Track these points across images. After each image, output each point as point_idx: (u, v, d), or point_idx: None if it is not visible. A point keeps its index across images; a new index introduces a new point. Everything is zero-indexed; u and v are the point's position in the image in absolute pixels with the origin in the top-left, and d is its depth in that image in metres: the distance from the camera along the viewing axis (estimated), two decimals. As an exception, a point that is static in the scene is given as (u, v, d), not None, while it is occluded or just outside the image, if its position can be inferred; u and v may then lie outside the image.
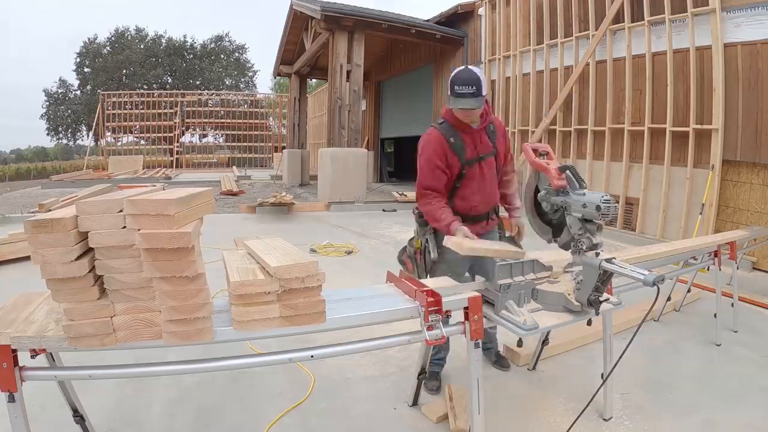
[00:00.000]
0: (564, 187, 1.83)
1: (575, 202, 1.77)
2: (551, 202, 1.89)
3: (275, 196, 8.94)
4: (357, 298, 1.71)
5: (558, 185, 1.84)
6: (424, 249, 2.35)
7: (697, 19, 5.74)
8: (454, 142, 2.23)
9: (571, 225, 1.79)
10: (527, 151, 1.98)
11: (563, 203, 1.83)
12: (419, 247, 2.37)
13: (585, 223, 1.75)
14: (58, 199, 8.97)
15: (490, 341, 2.75)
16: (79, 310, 1.30)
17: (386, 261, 5.25)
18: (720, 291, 3.17)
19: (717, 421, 2.26)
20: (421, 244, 2.36)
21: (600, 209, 1.66)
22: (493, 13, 9.79)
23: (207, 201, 1.62)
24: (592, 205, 1.69)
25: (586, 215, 1.73)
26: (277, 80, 37.89)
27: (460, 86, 2.06)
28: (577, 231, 1.76)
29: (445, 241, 1.94)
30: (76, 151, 41.77)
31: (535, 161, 1.95)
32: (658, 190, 6.38)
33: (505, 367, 2.73)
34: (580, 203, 1.74)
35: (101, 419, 2.13)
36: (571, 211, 1.78)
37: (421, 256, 2.37)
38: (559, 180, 1.84)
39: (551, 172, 1.87)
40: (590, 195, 1.73)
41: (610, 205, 1.66)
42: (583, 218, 1.75)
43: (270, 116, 26.41)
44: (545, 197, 1.92)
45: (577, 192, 1.79)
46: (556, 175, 1.85)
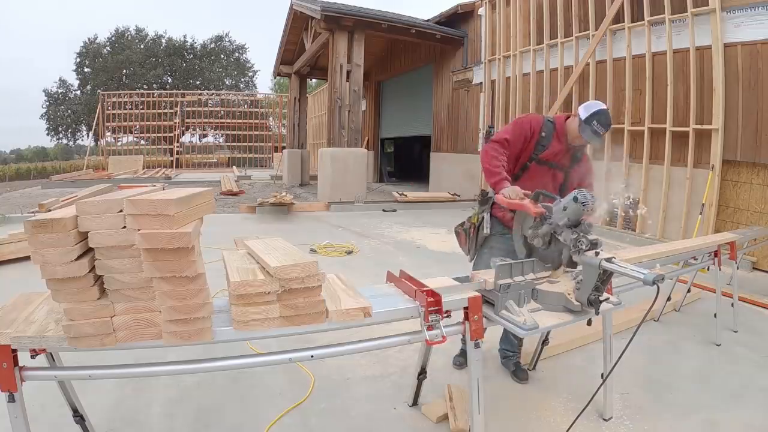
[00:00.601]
0: (544, 213, 1.93)
1: (556, 212, 1.84)
2: (541, 234, 1.93)
3: (275, 196, 8.93)
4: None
5: (537, 212, 1.94)
6: (479, 225, 2.50)
7: (697, 19, 5.74)
8: (544, 136, 2.38)
9: (564, 239, 1.80)
10: (500, 200, 2.13)
11: (550, 228, 1.87)
12: (475, 221, 2.53)
13: (574, 227, 1.77)
14: (58, 199, 8.97)
15: (512, 350, 2.72)
16: (79, 310, 1.30)
17: (386, 261, 5.25)
18: (720, 291, 3.17)
19: (717, 421, 2.26)
20: (478, 219, 2.52)
21: (577, 200, 1.73)
22: (493, 13, 9.78)
23: (207, 201, 1.62)
24: (570, 202, 1.74)
25: (570, 216, 1.77)
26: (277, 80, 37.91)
27: (600, 126, 2.22)
28: (571, 237, 1.77)
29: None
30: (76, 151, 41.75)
31: (510, 203, 2.06)
32: (658, 190, 6.38)
33: (522, 379, 2.63)
34: (561, 209, 1.82)
35: (101, 419, 2.13)
36: (558, 222, 1.83)
37: (475, 230, 2.53)
38: (537, 207, 1.95)
39: (528, 206, 1.98)
40: (565, 198, 1.82)
41: (585, 194, 1.73)
42: (569, 223, 1.78)
43: (270, 116, 26.41)
44: (534, 234, 1.98)
45: (555, 204, 1.88)
46: (533, 204, 1.97)
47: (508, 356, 2.73)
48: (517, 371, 2.67)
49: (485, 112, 10.15)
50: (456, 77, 11.55)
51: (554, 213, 1.86)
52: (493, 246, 2.47)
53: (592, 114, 2.23)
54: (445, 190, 11.34)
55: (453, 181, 11.40)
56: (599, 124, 2.22)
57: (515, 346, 2.72)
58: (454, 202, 10.32)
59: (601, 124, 2.22)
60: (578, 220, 1.78)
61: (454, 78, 11.64)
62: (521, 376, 2.65)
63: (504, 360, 2.75)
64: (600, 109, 2.25)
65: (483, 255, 2.50)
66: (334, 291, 1.68)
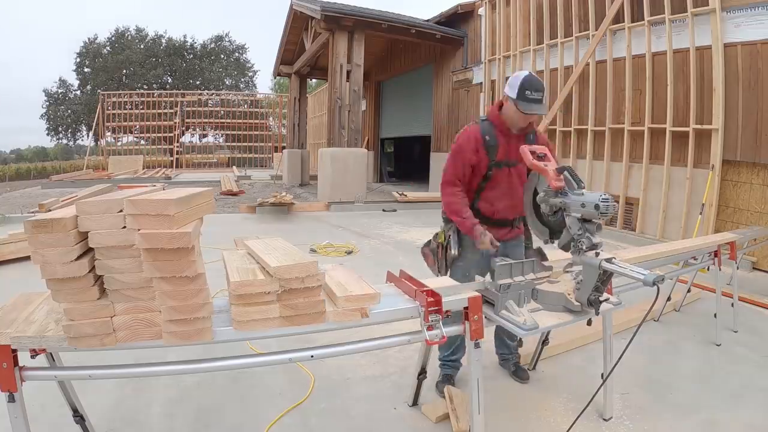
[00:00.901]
0: (562, 188, 1.83)
1: (574, 202, 1.76)
2: (550, 203, 1.89)
3: (275, 196, 8.94)
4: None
5: (556, 186, 1.84)
6: (446, 245, 2.39)
7: (697, 19, 5.74)
8: (489, 140, 2.27)
9: (571, 225, 1.78)
10: (525, 153, 1.98)
11: (562, 204, 1.82)
12: (442, 241, 2.42)
13: (584, 223, 1.75)
14: (58, 199, 8.97)
15: (509, 352, 2.70)
16: (79, 310, 1.30)
17: (386, 261, 5.25)
18: (720, 291, 3.17)
19: (717, 421, 2.26)
20: (445, 239, 2.41)
21: (599, 208, 1.65)
22: (493, 13, 9.79)
23: (207, 201, 1.62)
24: (591, 205, 1.68)
25: (585, 215, 1.73)
26: (277, 80, 37.91)
27: (532, 92, 2.11)
28: (576, 231, 1.75)
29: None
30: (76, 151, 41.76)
31: (533, 163, 1.95)
32: (658, 190, 6.38)
33: (523, 379, 2.60)
34: (579, 203, 1.74)
35: (101, 419, 2.13)
36: (570, 211, 1.78)
37: (442, 251, 2.42)
38: (558, 181, 1.84)
39: (549, 174, 1.87)
40: (589, 195, 1.72)
41: (609, 204, 1.65)
42: (582, 218, 1.75)
43: (270, 116, 26.41)
44: (544, 199, 1.92)
45: (575, 192, 1.78)
46: (555, 177, 1.85)
47: (506, 359, 2.72)
48: (518, 371, 2.66)
49: (485, 112, 10.14)
50: (456, 77, 11.55)
51: (571, 198, 1.78)
52: (467, 258, 2.35)
53: (520, 86, 2.12)
54: (445, 190, 11.32)
55: (453, 181, 11.38)
56: (532, 90, 2.11)
57: (511, 347, 2.71)
58: (454, 202, 10.30)
59: (535, 89, 2.11)
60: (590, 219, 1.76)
61: (454, 78, 11.64)
62: (522, 375, 2.64)
63: (503, 362, 2.75)
64: (524, 76, 2.14)
65: (457, 269, 2.37)
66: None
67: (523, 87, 2.12)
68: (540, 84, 2.14)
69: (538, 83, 2.14)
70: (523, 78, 2.14)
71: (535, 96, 2.11)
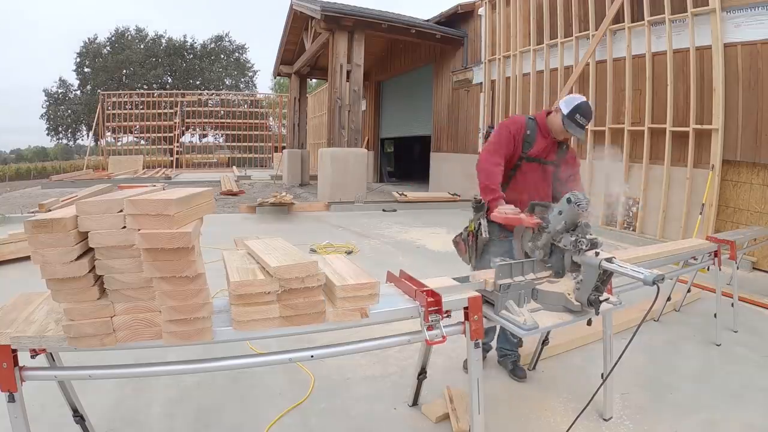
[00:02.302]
0: (541, 223, 1.94)
1: (553, 218, 1.85)
2: (541, 246, 1.93)
3: (275, 196, 8.93)
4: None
5: (534, 224, 1.96)
6: (476, 231, 2.52)
7: (697, 19, 5.74)
8: (529, 134, 2.45)
9: (565, 245, 1.80)
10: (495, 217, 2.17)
11: (549, 236, 1.87)
12: (472, 230, 2.55)
13: (573, 231, 1.77)
14: (58, 199, 8.97)
15: (511, 349, 2.72)
16: (79, 310, 1.30)
17: (386, 261, 5.25)
18: (720, 291, 3.17)
19: (717, 421, 2.26)
20: (474, 227, 2.54)
21: (571, 201, 1.74)
22: (493, 13, 9.79)
23: (207, 201, 1.62)
24: (564, 205, 1.75)
25: (567, 219, 1.77)
26: (277, 80, 37.89)
27: (582, 117, 2.30)
28: (571, 241, 1.77)
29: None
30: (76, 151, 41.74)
31: (506, 218, 2.09)
32: (658, 190, 6.38)
33: (521, 377, 2.64)
34: (556, 214, 1.83)
35: (101, 419, 2.13)
36: (555, 227, 1.82)
37: (473, 238, 2.54)
38: (533, 219, 1.97)
39: (524, 219, 2.01)
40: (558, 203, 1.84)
41: (578, 195, 1.74)
42: (566, 227, 1.78)
43: (270, 116, 26.40)
44: (535, 246, 1.98)
45: (550, 212, 1.89)
46: (528, 217, 1.99)
47: (506, 355, 2.73)
48: (515, 369, 2.68)
49: (485, 112, 10.15)
50: (456, 77, 11.55)
51: (551, 220, 1.87)
52: (494, 251, 2.47)
53: (574, 108, 2.30)
54: (445, 190, 11.34)
55: (453, 181, 11.40)
56: (582, 116, 2.29)
57: (514, 345, 2.72)
58: (454, 202, 10.32)
59: (584, 116, 2.29)
60: (575, 222, 1.79)
61: (454, 78, 11.64)
62: (519, 374, 2.65)
63: (502, 359, 2.75)
64: (581, 102, 2.31)
65: (485, 261, 2.49)
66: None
67: (576, 110, 2.30)
68: (590, 114, 2.33)
69: (589, 113, 2.32)
70: (580, 102, 2.32)
71: (581, 122, 2.30)
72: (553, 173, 2.52)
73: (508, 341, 2.71)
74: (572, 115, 2.29)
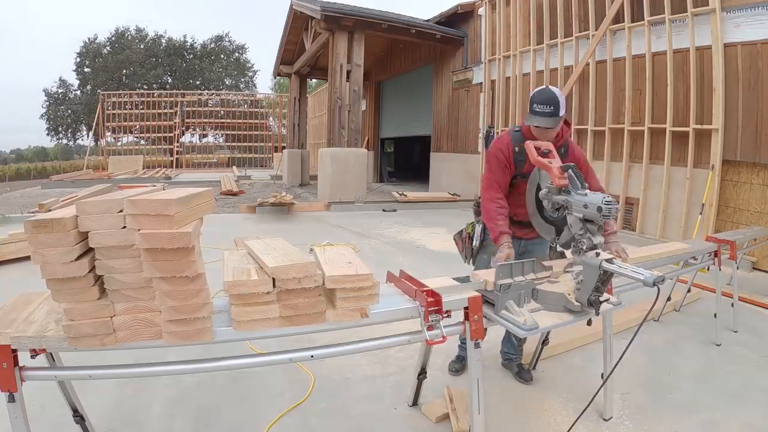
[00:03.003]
0: (566, 186, 1.84)
1: (576, 202, 1.77)
2: (553, 200, 1.89)
3: (275, 196, 8.93)
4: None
5: (560, 184, 1.85)
6: (472, 236, 2.52)
7: (697, 19, 5.74)
8: (519, 152, 2.29)
9: (572, 224, 1.79)
10: (529, 149, 2.00)
11: (564, 202, 1.83)
12: (469, 232, 2.55)
13: (586, 223, 1.75)
14: (58, 199, 8.97)
15: (514, 352, 2.72)
16: (79, 310, 1.30)
17: (386, 261, 5.25)
18: (720, 291, 3.17)
19: (717, 421, 2.26)
20: (472, 230, 2.53)
21: (601, 210, 1.66)
22: (493, 13, 9.78)
23: (207, 201, 1.62)
24: (594, 206, 1.69)
25: (587, 216, 1.73)
26: (277, 80, 37.88)
27: (538, 105, 2.15)
28: (577, 231, 1.76)
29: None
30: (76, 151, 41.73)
31: (537, 159, 1.96)
32: (658, 190, 6.38)
33: (527, 380, 2.63)
34: (582, 203, 1.74)
35: (101, 419, 2.14)
36: (573, 210, 1.78)
37: (469, 240, 2.55)
38: (561, 179, 1.85)
39: (553, 171, 1.87)
40: (592, 196, 1.73)
41: (612, 206, 1.66)
42: (584, 218, 1.75)
43: (270, 116, 26.40)
44: (547, 195, 1.92)
45: (578, 192, 1.79)
46: (558, 174, 1.86)
47: (510, 358, 2.73)
48: (521, 372, 2.67)
49: (485, 112, 10.15)
50: (456, 77, 11.55)
51: (574, 198, 1.79)
52: (491, 252, 2.44)
53: (530, 99, 2.20)
54: (445, 190, 11.34)
55: (453, 181, 11.40)
56: (539, 103, 2.15)
57: (517, 348, 2.72)
58: (454, 202, 10.32)
59: (541, 103, 2.15)
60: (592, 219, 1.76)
61: (454, 78, 11.64)
62: (525, 377, 2.65)
63: (506, 362, 2.75)
64: (536, 91, 2.20)
65: (481, 262, 2.49)
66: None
67: (532, 100, 2.21)
68: (548, 97, 2.15)
69: (547, 96, 2.15)
70: (534, 92, 2.22)
71: (540, 108, 2.14)
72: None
73: (511, 344, 2.71)
74: (531, 108, 2.18)
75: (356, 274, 1.53)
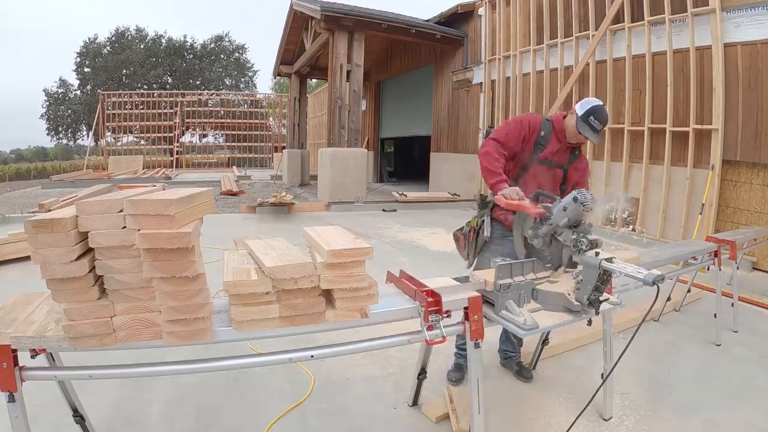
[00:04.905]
0: (544, 214, 1.91)
1: (557, 213, 1.83)
2: (541, 235, 1.93)
3: (275, 196, 8.93)
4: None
5: (537, 213, 1.93)
6: (478, 228, 2.49)
7: (697, 19, 5.74)
8: (543, 136, 2.38)
9: (565, 240, 1.80)
10: (499, 201, 2.11)
11: (550, 227, 1.87)
12: (475, 225, 2.53)
13: (575, 228, 1.77)
14: (58, 199, 8.97)
15: (513, 350, 2.72)
16: (79, 311, 1.30)
17: (386, 261, 5.25)
18: (720, 291, 3.17)
19: (717, 421, 2.26)
20: (477, 223, 2.51)
21: (578, 200, 1.72)
22: (493, 13, 9.78)
23: (207, 201, 1.62)
24: (569, 202, 1.74)
25: (570, 217, 1.76)
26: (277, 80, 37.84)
27: (597, 121, 2.24)
28: (571, 239, 1.77)
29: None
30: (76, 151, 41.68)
31: (509, 204, 2.05)
32: (658, 190, 6.38)
33: (528, 378, 2.64)
34: (561, 209, 1.81)
35: (101, 419, 2.14)
36: (558, 225, 1.82)
37: (474, 234, 2.52)
38: (537, 208, 1.94)
39: (528, 207, 1.97)
40: (564, 198, 1.81)
41: (585, 194, 1.72)
42: (569, 223, 1.77)
43: (270, 116, 26.39)
44: (534, 235, 1.97)
45: (555, 205, 1.87)
46: (533, 206, 1.96)
47: (509, 357, 2.73)
48: (522, 371, 2.67)
49: (485, 112, 10.15)
50: (456, 77, 11.55)
51: (554, 213, 1.85)
52: (494, 249, 2.44)
53: (588, 111, 2.24)
54: (445, 190, 11.34)
55: (453, 181, 11.40)
56: (597, 120, 2.23)
57: (516, 346, 2.72)
58: (454, 202, 10.32)
59: (599, 120, 2.23)
60: (578, 221, 1.78)
61: (454, 78, 11.64)
62: (526, 375, 2.65)
63: (506, 361, 2.75)
64: (596, 105, 2.26)
65: (484, 259, 2.48)
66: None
67: (591, 112, 2.24)
68: (606, 118, 2.26)
69: (605, 117, 2.25)
70: (595, 105, 2.26)
71: (596, 125, 2.24)
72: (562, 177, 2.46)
73: (510, 343, 2.71)
74: (586, 117, 2.24)
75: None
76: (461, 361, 2.61)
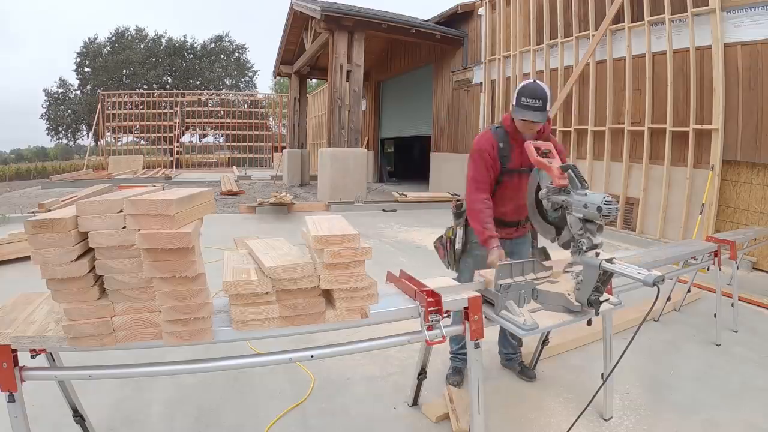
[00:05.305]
0: (565, 186, 1.83)
1: (576, 202, 1.76)
2: (552, 200, 1.88)
3: (275, 196, 8.93)
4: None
5: (560, 184, 1.84)
6: (453, 239, 2.44)
7: (697, 19, 5.74)
8: (503, 147, 2.28)
9: (572, 224, 1.78)
10: (529, 148, 1.98)
11: (564, 202, 1.82)
12: (450, 236, 2.48)
13: (585, 223, 1.74)
14: (58, 199, 8.97)
15: (514, 351, 2.72)
16: (79, 311, 1.30)
17: (386, 261, 5.25)
18: (720, 291, 3.17)
19: (717, 421, 2.26)
20: (452, 234, 2.46)
21: (601, 210, 1.65)
22: (493, 13, 9.78)
23: (207, 201, 1.62)
24: (594, 206, 1.67)
25: (587, 216, 1.72)
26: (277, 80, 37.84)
27: (527, 98, 2.11)
28: (577, 231, 1.75)
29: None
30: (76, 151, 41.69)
31: (536, 159, 1.95)
32: (658, 190, 6.38)
33: (531, 378, 2.63)
34: (582, 203, 1.73)
35: (101, 419, 2.14)
36: (572, 210, 1.77)
37: (451, 244, 2.48)
38: (561, 179, 1.84)
39: (553, 171, 1.86)
40: (592, 196, 1.72)
41: (612, 206, 1.65)
42: (583, 218, 1.74)
43: (270, 116, 26.39)
44: (546, 195, 1.91)
45: (578, 192, 1.78)
46: (558, 174, 1.85)
47: (511, 358, 2.73)
48: (524, 371, 2.67)
49: (485, 112, 10.15)
50: (456, 77, 11.55)
51: (574, 198, 1.78)
52: (476, 255, 2.40)
53: (517, 94, 2.15)
54: (445, 190, 11.34)
55: (453, 181, 11.39)
56: (527, 97, 2.11)
57: (515, 347, 2.72)
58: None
59: (529, 97, 2.11)
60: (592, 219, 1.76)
61: (454, 78, 11.64)
62: (529, 374, 2.65)
63: (507, 362, 2.75)
64: (523, 84, 2.17)
65: (466, 267, 2.43)
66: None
67: (520, 94, 2.15)
68: (537, 91, 2.12)
69: (535, 90, 2.12)
70: (522, 85, 2.18)
71: (529, 102, 2.11)
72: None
73: (509, 344, 2.70)
74: (518, 101, 2.14)
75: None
76: (459, 364, 2.60)
